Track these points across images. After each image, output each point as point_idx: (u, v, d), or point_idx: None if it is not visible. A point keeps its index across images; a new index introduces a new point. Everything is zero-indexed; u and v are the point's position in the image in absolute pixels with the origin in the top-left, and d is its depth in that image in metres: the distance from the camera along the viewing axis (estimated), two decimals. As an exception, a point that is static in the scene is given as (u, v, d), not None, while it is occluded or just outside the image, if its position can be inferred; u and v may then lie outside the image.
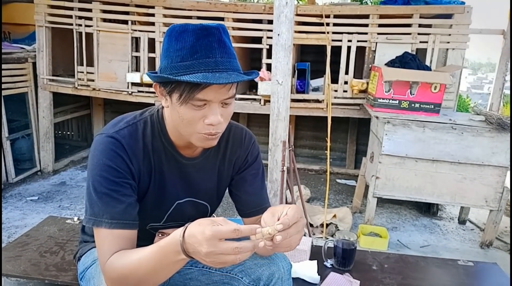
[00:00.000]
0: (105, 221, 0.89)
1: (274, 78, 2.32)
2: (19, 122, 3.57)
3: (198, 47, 0.85)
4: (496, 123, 2.47)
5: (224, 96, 0.88)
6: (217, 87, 0.86)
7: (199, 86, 0.84)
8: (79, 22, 3.39)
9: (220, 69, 0.86)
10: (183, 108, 0.88)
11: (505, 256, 2.65)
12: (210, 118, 0.88)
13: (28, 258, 1.40)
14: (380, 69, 2.79)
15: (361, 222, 2.94)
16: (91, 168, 0.93)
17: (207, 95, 0.86)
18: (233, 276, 1.11)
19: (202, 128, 0.90)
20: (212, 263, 0.73)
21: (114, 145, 0.93)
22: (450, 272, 1.52)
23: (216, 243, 0.71)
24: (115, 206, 0.90)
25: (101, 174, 0.91)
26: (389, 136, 2.61)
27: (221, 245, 0.71)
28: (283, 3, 2.20)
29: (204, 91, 0.85)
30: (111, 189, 0.91)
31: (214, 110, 0.89)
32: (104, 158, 0.92)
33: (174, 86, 0.87)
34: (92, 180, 0.92)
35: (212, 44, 0.85)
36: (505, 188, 2.59)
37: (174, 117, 0.93)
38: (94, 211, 0.90)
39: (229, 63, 0.87)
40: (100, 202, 0.90)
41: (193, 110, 0.88)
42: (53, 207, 3.06)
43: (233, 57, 0.90)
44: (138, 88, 3.40)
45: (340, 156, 4.53)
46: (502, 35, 3.08)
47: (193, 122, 0.90)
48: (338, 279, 1.37)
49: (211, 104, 0.88)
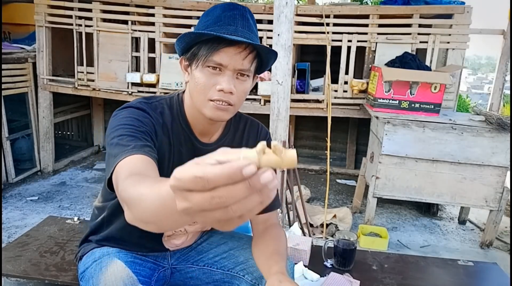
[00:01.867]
0: (126, 154, 0.79)
1: (274, 78, 2.32)
2: (19, 122, 3.57)
3: (222, 17, 0.92)
4: (496, 123, 2.47)
5: (238, 64, 0.91)
6: (233, 52, 0.90)
7: (217, 47, 0.89)
8: (79, 22, 3.39)
9: (238, 35, 0.90)
10: (199, 72, 0.92)
11: (505, 256, 2.65)
12: (222, 84, 0.91)
13: (28, 258, 1.40)
14: (380, 69, 2.79)
15: (361, 222, 2.94)
16: (112, 126, 0.89)
17: (222, 59, 0.90)
18: (234, 274, 1.11)
19: (213, 94, 0.93)
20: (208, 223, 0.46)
21: (138, 110, 0.95)
22: (450, 272, 1.52)
23: (186, 196, 0.43)
24: (138, 142, 0.85)
25: (126, 123, 0.89)
26: (389, 136, 2.61)
27: (192, 198, 0.42)
28: (283, 3, 2.20)
29: (220, 54, 0.89)
30: (133, 133, 0.87)
31: (227, 77, 0.92)
32: (128, 115, 0.92)
33: (194, 49, 0.93)
34: (114, 130, 0.87)
35: (235, 16, 0.92)
36: (505, 188, 2.59)
37: (191, 87, 0.96)
38: (116, 152, 0.81)
39: (248, 35, 0.92)
40: (121, 143, 0.83)
41: (208, 75, 0.92)
42: (53, 207, 3.06)
43: (254, 34, 0.94)
44: (138, 88, 3.40)
45: (340, 156, 4.53)
46: (502, 35, 3.08)
47: (206, 87, 0.92)
48: (338, 279, 1.37)
49: (226, 71, 0.92)
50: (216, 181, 0.40)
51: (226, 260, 1.14)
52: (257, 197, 0.41)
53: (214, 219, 0.42)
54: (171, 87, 3.30)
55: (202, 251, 1.19)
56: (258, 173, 0.40)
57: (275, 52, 0.97)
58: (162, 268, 1.16)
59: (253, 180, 0.40)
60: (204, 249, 1.20)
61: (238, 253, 1.14)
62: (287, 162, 0.44)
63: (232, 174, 0.39)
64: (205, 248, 1.20)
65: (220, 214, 0.42)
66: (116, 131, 0.87)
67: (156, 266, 1.15)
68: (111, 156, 0.82)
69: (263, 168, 0.41)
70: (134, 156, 0.79)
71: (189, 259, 1.19)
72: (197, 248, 1.21)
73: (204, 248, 1.20)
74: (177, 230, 1.12)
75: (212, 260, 1.16)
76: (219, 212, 0.42)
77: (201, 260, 1.18)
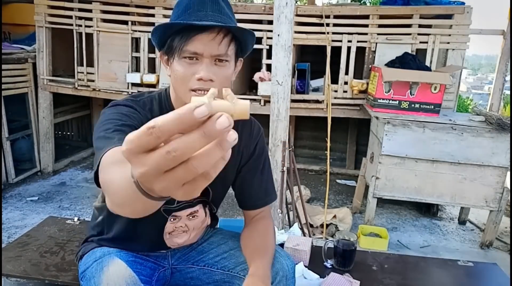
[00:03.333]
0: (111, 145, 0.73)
1: (274, 79, 2.32)
2: (19, 122, 3.57)
3: (191, 4, 0.90)
4: (496, 124, 2.47)
5: (214, 50, 0.90)
6: (206, 39, 0.88)
7: (189, 35, 0.88)
8: (79, 23, 3.39)
9: (208, 19, 0.89)
10: (177, 64, 0.92)
11: (505, 256, 2.65)
12: (200, 73, 0.90)
13: (28, 258, 1.40)
14: (380, 70, 2.79)
15: (361, 222, 2.94)
16: (99, 122, 0.89)
17: (196, 47, 0.89)
18: (235, 274, 1.11)
19: (193, 84, 0.92)
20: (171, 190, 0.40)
21: (126, 107, 0.95)
22: (450, 272, 1.52)
23: (140, 159, 0.38)
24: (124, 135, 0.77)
25: (112, 118, 0.88)
26: (389, 136, 2.61)
27: (147, 159, 0.38)
28: (283, 4, 2.20)
29: (193, 43, 0.88)
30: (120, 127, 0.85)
31: (205, 65, 0.91)
32: (115, 111, 0.92)
33: (169, 42, 0.92)
34: (101, 126, 0.86)
35: (205, 1, 0.90)
36: (505, 188, 2.59)
37: (172, 80, 0.96)
38: (102, 145, 0.76)
39: (220, 18, 0.90)
40: (107, 136, 0.80)
41: (186, 65, 0.91)
42: (53, 207, 3.05)
43: (226, 15, 0.92)
44: (138, 88, 3.40)
45: (340, 157, 4.53)
46: (502, 35, 3.08)
47: (185, 78, 0.92)
48: (338, 279, 1.37)
49: (203, 59, 0.91)
50: (168, 127, 0.36)
51: (226, 260, 1.14)
52: (217, 150, 0.38)
53: (176, 182, 0.38)
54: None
55: (203, 251, 1.19)
56: (212, 118, 0.37)
57: (251, 32, 0.95)
58: (162, 268, 1.16)
59: (207, 127, 0.37)
60: (204, 249, 1.20)
61: (238, 253, 1.14)
62: (239, 109, 0.41)
63: (182, 116, 0.36)
64: (206, 248, 1.20)
65: (181, 173, 0.37)
66: (102, 126, 0.86)
67: (156, 266, 1.15)
68: (97, 149, 0.78)
69: (218, 113, 0.38)
70: (118, 148, 0.71)
71: (189, 259, 1.19)
72: (198, 248, 1.21)
73: (204, 248, 1.20)
74: (178, 227, 1.12)
75: (213, 260, 1.16)
76: (179, 170, 0.37)
77: (202, 260, 1.18)
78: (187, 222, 1.12)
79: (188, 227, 1.13)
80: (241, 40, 0.97)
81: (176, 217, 1.10)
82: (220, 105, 0.40)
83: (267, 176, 1.17)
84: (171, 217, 1.09)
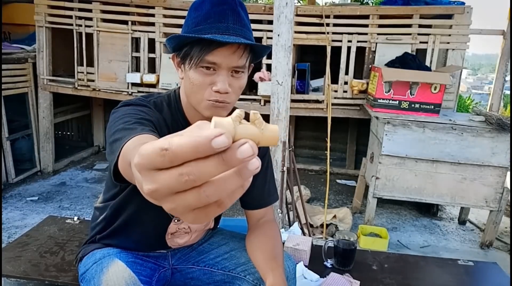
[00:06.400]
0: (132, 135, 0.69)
1: (274, 79, 2.32)
2: (19, 122, 3.57)
3: (212, 13, 0.88)
4: (496, 124, 2.47)
5: (233, 62, 0.89)
6: (227, 51, 0.87)
7: (209, 47, 0.86)
8: (79, 23, 3.39)
9: (230, 33, 0.88)
10: (193, 72, 0.90)
11: (505, 256, 2.65)
12: (217, 85, 0.89)
13: (28, 258, 1.40)
14: (380, 70, 2.79)
15: (361, 222, 2.94)
16: (114, 118, 0.85)
17: (216, 58, 0.88)
18: (235, 275, 1.11)
19: (210, 95, 0.91)
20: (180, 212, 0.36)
21: (139, 106, 0.94)
22: (450, 271, 1.52)
23: (152, 176, 0.35)
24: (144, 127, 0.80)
25: (130, 113, 0.86)
26: (389, 136, 2.61)
27: (159, 177, 0.34)
28: (283, 4, 2.20)
29: (214, 54, 0.87)
30: (139, 120, 0.84)
31: (222, 76, 0.90)
32: (130, 108, 0.91)
33: (186, 49, 0.90)
34: (118, 119, 0.82)
35: (225, 11, 0.88)
36: (505, 188, 2.59)
37: (186, 86, 0.95)
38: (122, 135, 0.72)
39: (240, 31, 0.89)
40: (127, 127, 0.77)
41: (203, 75, 0.90)
42: (53, 207, 3.05)
43: (246, 28, 0.91)
44: (138, 88, 3.40)
45: (340, 157, 4.53)
46: (502, 35, 3.08)
47: (202, 88, 0.91)
48: (338, 279, 1.37)
49: (220, 70, 0.90)
50: (182, 153, 0.32)
51: (227, 261, 1.14)
52: (236, 178, 0.33)
53: (186, 205, 0.34)
54: (171, 87, 3.30)
55: (203, 251, 1.19)
56: (234, 145, 0.33)
57: (268, 47, 0.96)
58: (162, 268, 1.16)
59: (227, 154, 0.32)
60: (205, 250, 1.20)
61: (239, 254, 1.13)
62: (268, 137, 0.36)
63: (198, 145, 0.32)
64: (206, 249, 1.20)
65: (192, 198, 0.34)
66: (120, 120, 0.81)
67: (156, 267, 1.15)
68: (116, 141, 0.72)
69: (241, 140, 0.33)
70: (143, 135, 0.69)
71: (189, 260, 1.19)
72: (198, 248, 1.21)
73: (205, 249, 1.20)
74: (181, 228, 1.12)
75: (213, 261, 1.16)
76: (190, 195, 0.34)
77: (202, 261, 1.17)
78: (190, 225, 1.12)
79: (190, 228, 1.13)
80: (256, 51, 0.97)
81: (180, 219, 1.09)
82: (246, 131, 0.35)
83: (270, 176, 1.17)
84: (175, 218, 1.09)
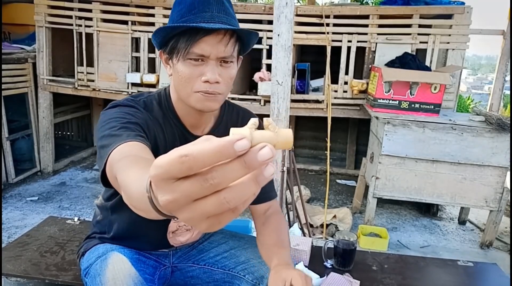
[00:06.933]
0: (119, 142, 0.74)
1: (274, 79, 2.32)
2: (19, 122, 3.57)
3: (196, 3, 0.88)
4: (496, 124, 2.47)
5: (220, 52, 0.89)
6: (213, 40, 0.87)
7: (195, 37, 0.86)
8: (79, 23, 3.39)
9: (215, 21, 0.87)
10: (181, 65, 0.90)
11: (505, 256, 2.65)
12: (207, 75, 0.89)
13: (28, 258, 1.40)
14: (380, 70, 2.79)
15: (361, 222, 2.94)
16: (101, 121, 0.86)
17: (203, 49, 0.87)
18: (235, 274, 1.11)
19: (199, 86, 0.91)
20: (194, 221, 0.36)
21: (128, 107, 0.94)
22: (450, 272, 1.52)
23: (170, 186, 0.35)
24: (130, 132, 0.82)
25: (116, 117, 0.86)
26: (389, 136, 2.61)
27: (179, 187, 0.34)
28: (283, 4, 2.20)
29: (200, 45, 0.87)
30: (126, 125, 0.84)
31: (211, 66, 0.89)
32: (118, 110, 0.91)
33: (173, 43, 0.90)
34: (105, 124, 0.84)
35: (209, 1, 0.88)
36: (505, 188, 2.59)
37: (175, 81, 0.94)
38: (108, 142, 0.76)
39: (225, 18, 0.89)
40: (113, 134, 0.80)
41: (191, 67, 0.90)
42: (53, 207, 3.06)
43: (231, 16, 0.91)
44: (138, 88, 3.40)
45: (340, 157, 4.53)
46: (502, 35, 3.08)
47: (191, 80, 0.91)
48: (338, 279, 1.37)
49: (209, 60, 0.89)
50: (204, 158, 0.33)
51: (227, 260, 1.14)
52: (252, 184, 0.34)
53: (204, 213, 0.35)
54: (171, 87, 3.30)
55: (203, 250, 1.20)
56: (254, 149, 0.34)
57: (256, 33, 0.95)
58: (163, 266, 1.16)
59: (248, 157, 0.34)
60: (205, 248, 1.20)
61: (239, 252, 1.14)
62: (282, 140, 0.39)
63: (221, 149, 0.33)
64: (206, 247, 1.20)
65: (211, 205, 0.34)
66: (107, 125, 0.84)
67: (158, 264, 1.15)
68: (103, 147, 0.77)
69: (260, 144, 0.35)
70: (128, 143, 0.74)
71: (190, 258, 1.19)
72: (198, 247, 1.21)
73: (205, 247, 1.20)
74: (181, 225, 1.12)
75: (213, 260, 1.16)
76: (210, 202, 0.34)
77: (202, 259, 1.18)
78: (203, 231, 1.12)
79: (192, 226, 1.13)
80: (244, 40, 0.96)
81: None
82: (263, 136, 0.37)
83: None
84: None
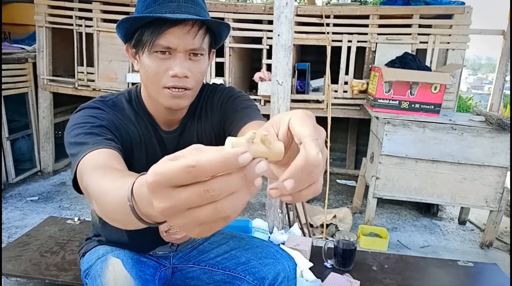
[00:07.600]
0: (86, 151, 0.75)
1: (274, 79, 2.32)
2: (19, 122, 3.57)
3: None
4: (496, 124, 2.47)
5: (189, 44, 0.85)
6: (180, 31, 0.83)
7: (161, 29, 0.82)
8: (79, 23, 3.39)
9: (182, 11, 0.83)
10: (147, 59, 0.86)
11: (505, 256, 2.65)
12: (174, 69, 0.85)
13: (28, 258, 1.40)
14: (380, 70, 2.79)
15: (361, 222, 2.94)
16: (67, 127, 0.86)
17: (169, 41, 0.83)
18: (236, 275, 1.10)
19: (167, 81, 0.86)
20: (187, 227, 0.37)
21: (93, 109, 0.91)
22: (450, 272, 1.52)
23: (169, 193, 0.35)
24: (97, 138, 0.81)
25: (81, 122, 0.84)
26: (389, 136, 2.61)
27: (178, 195, 0.35)
28: (283, 4, 2.20)
29: (166, 36, 0.83)
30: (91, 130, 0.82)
31: (179, 59, 0.85)
32: (82, 115, 0.88)
33: (137, 35, 0.87)
34: (70, 131, 0.83)
35: None
36: (505, 188, 2.59)
37: (142, 76, 0.90)
38: (76, 151, 0.77)
39: (193, 9, 0.85)
40: (79, 142, 0.79)
41: (158, 61, 0.85)
42: (53, 207, 3.06)
43: (200, 6, 0.87)
44: (138, 88, 3.40)
45: (340, 157, 4.53)
46: (502, 35, 3.08)
47: (158, 75, 0.86)
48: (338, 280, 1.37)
49: (176, 53, 0.85)
50: (211, 168, 0.34)
51: (227, 261, 1.14)
52: (246, 194, 0.36)
53: (198, 221, 0.36)
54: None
55: (204, 251, 1.19)
56: (253, 162, 0.36)
57: (227, 25, 0.91)
58: (163, 267, 1.16)
59: (248, 170, 0.36)
60: (205, 249, 1.20)
61: (239, 253, 1.13)
62: (275, 154, 0.42)
63: (227, 161, 0.34)
64: (207, 248, 1.20)
65: (207, 213, 0.35)
66: (72, 132, 0.83)
67: (158, 265, 1.15)
68: (72, 156, 0.77)
69: (257, 159, 0.37)
70: (96, 151, 0.74)
71: (190, 259, 1.19)
72: (199, 248, 1.21)
73: (205, 248, 1.20)
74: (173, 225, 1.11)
75: (214, 261, 1.16)
76: (206, 210, 0.35)
77: (202, 260, 1.17)
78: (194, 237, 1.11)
79: None
80: (215, 32, 0.92)
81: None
82: (258, 150, 0.41)
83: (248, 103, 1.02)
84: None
